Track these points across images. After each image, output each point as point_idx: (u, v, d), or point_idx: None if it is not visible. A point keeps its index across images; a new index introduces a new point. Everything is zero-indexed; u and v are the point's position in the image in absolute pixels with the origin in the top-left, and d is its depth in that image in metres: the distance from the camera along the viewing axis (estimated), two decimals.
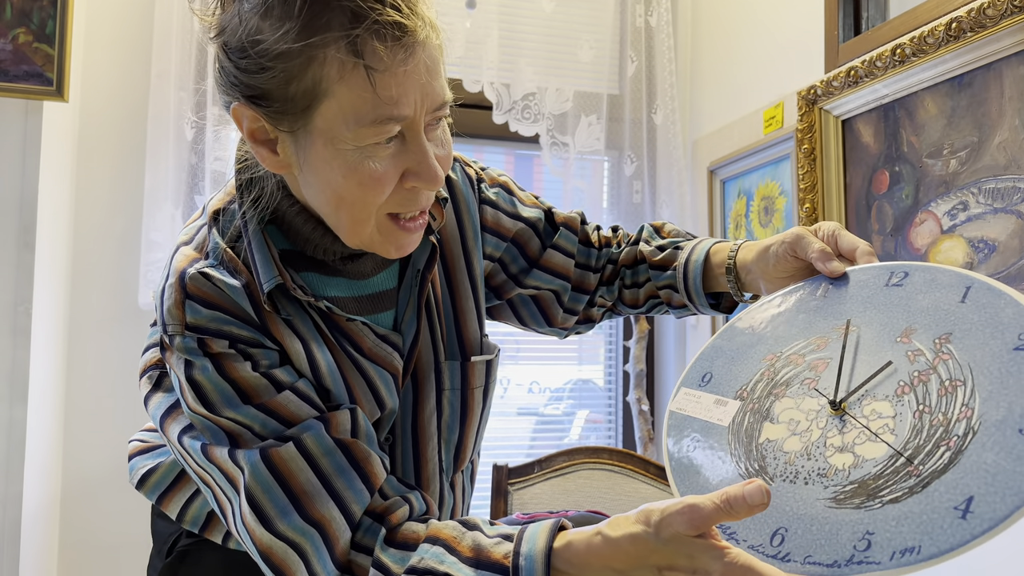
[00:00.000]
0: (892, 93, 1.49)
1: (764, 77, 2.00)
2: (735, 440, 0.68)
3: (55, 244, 1.83)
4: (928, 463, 0.56)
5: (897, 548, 0.53)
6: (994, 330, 0.60)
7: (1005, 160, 1.27)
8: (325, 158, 0.66)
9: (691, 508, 0.56)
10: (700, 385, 0.76)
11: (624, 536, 0.59)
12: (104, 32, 1.98)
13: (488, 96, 2.14)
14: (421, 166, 0.68)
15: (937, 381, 0.60)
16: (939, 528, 0.52)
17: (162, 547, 0.89)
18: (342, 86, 0.63)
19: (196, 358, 0.71)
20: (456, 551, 0.64)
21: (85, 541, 1.92)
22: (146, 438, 0.91)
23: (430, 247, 0.81)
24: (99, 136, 1.97)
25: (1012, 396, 0.56)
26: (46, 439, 1.80)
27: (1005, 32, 1.24)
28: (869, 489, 0.57)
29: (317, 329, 0.76)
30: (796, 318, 0.75)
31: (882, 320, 0.68)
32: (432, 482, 0.85)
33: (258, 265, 0.72)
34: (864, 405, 0.63)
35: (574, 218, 0.97)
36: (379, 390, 0.79)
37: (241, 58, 0.65)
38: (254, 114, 0.67)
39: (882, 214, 1.54)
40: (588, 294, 0.97)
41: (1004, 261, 1.27)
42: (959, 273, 0.66)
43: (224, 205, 0.77)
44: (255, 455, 0.68)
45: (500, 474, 1.75)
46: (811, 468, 0.62)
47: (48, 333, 1.79)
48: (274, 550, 0.68)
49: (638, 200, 2.26)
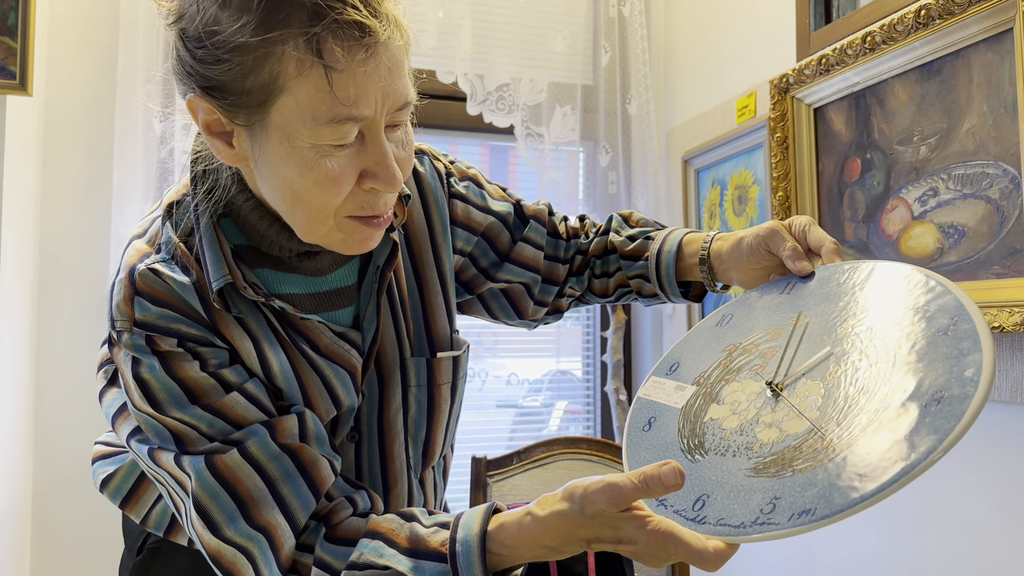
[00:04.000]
0: (863, 81, 1.50)
1: (737, 67, 2.01)
2: (683, 420, 0.73)
3: (21, 242, 1.79)
4: (842, 436, 0.61)
5: (796, 511, 0.57)
6: (923, 316, 0.65)
7: (974, 146, 1.29)
8: (281, 155, 0.65)
9: (611, 487, 0.59)
10: (667, 374, 0.81)
11: (551, 514, 0.61)
12: (68, 24, 1.94)
13: (462, 87, 2.13)
14: (379, 167, 0.66)
15: (866, 363, 0.65)
16: (837, 492, 0.56)
17: (133, 545, 0.88)
18: (299, 83, 0.61)
19: (144, 356, 0.69)
20: (395, 543, 0.65)
21: (57, 541, 1.89)
22: (109, 441, 0.90)
23: (391, 244, 0.80)
24: (65, 130, 1.94)
25: (925, 374, 0.60)
26: (16, 439, 1.77)
27: (972, 19, 1.25)
28: (785, 459, 0.62)
29: (270, 327, 0.74)
30: (761, 313, 0.80)
31: (831, 311, 0.73)
32: (400, 479, 0.84)
33: (208, 263, 0.70)
34: (798, 386, 0.68)
35: (542, 210, 0.97)
36: (335, 388, 0.78)
37: (198, 48, 0.63)
38: (209, 106, 0.65)
39: (854, 201, 1.55)
40: (558, 285, 0.97)
41: (974, 246, 1.28)
42: (908, 269, 0.71)
43: (179, 197, 0.76)
44: (200, 462, 0.68)
45: (479, 466, 1.74)
46: (740, 442, 0.67)
47: (16, 332, 1.76)
48: (223, 554, 0.68)
49: (613, 191, 2.26)
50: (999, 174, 1.24)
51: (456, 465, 1.72)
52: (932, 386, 0.58)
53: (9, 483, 1.73)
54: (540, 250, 0.95)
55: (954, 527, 1.35)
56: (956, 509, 1.35)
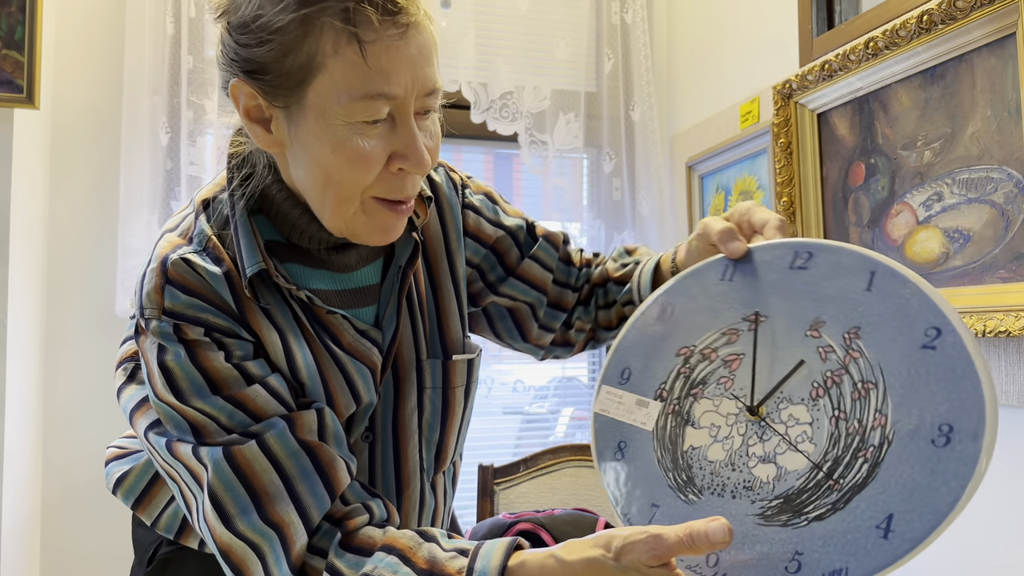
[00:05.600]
0: (866, 86, 1.50)
1: (740, 72, 2.01)
2: (660, 448, 0.69)
3: (29, 253, 1.80)
4: (847, 476, 0.57)
5: (826, 570, 0.54)
6: (901, 324, 0.59)
7: (978, 150, 1.29)
8: (316, 133, 0.68)
9: (655, 538, 0.57)
10: (620, 383, 0.75)
11: (580, 560, 0.59)
12: (75, 38, 1.95)
13: (466, 95, 2.14)
14: (409, 148, 0.69)
15: (850, 383, 0.60)
16: (863, 549, 0.54)
17: (143, 556, 0.88)
18: (336, 61, 0.65)
19: (170, 343, 0.71)
20: (411, 562, 0.64)
21: (66, 551, 1.90)
22: (123, 444, 0.90)
23: (413, 244, 0.82)
24: (72, 143, 1.95)
25: (923, 402, 0.56)
26: (25, 450, 1.78)
27: (975, 24, 1.25)
28: (794, 505, 0.59)
29: (296, 320, 0.76)
30: (704, 305, 0.73)
31: (791, 310, 0.66)
32: (413, 481, 0.85)
33: (243, 249, 0.73)
34: (781, 410, 0.63)
35: (557, 235, 0.97)
36: (356, 384, 0.79)
37: (242, 34, 0.68)
38: (251, 91, 0.69)
39: (859, 206, 1.55)
40: (565, 312, 0.96)
41: (979, 250, 1.28)
42: (863, 256, 0.64)
43: (213, 195, 0.78)
44: (218, 452, 0.68)
45: (486, 474, 1.75)
46: (736, 480, 0.63)
47: (25, 343, 1.77)
48: (233, 549, 0.68)
49: (618, 197, 2.27)
50: (1004, 178, 1.24)
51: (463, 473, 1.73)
52: (936, 418, 0.55)
53: (18, 494, 1.74)
54: (549, 272, 0.94)
55: (962, 532, 1.35)
56: (963, 514, 1.34)
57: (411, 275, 0.82)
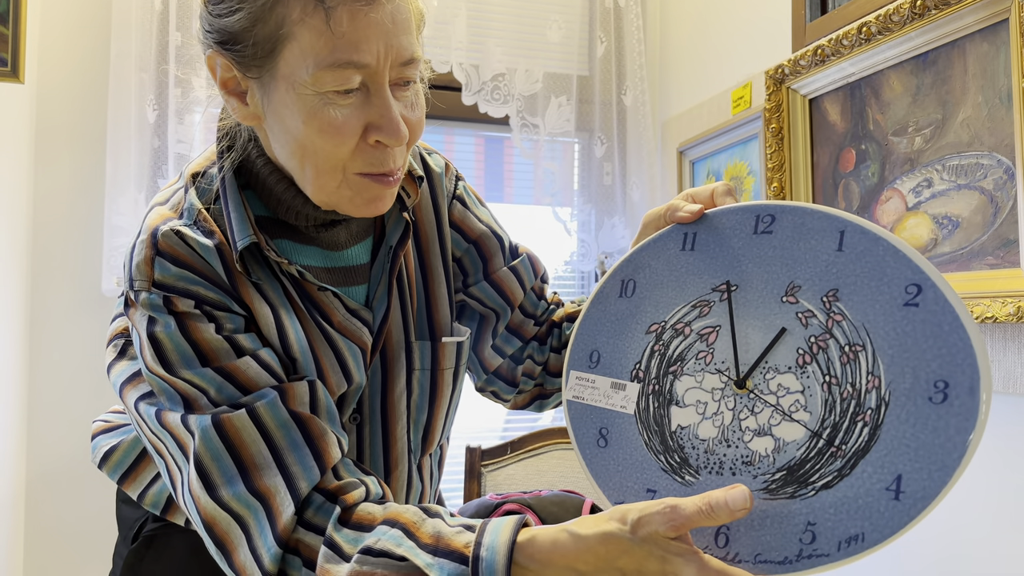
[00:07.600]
0: (858, 71, 1.50)
1: (732, 57, 2.01)
2: (646, 430, 0.67)
3: (14, 231, 1.78)
4: (849, 441, 0.57)
5: (842, 538, 0.54)
6: (880, 283, 0.58)
7: (968, 137, 1.29)
8: (287, 103, 0.67)
9: (673, 509, 0.56)
10: (590, 367, 0.72)
11: (595, 534, 0.58)
12: (61, 11, 1.92)
13: (457, 77, 2.12)
14: (384, 119, 0.68)
15: (836, 347, 0.59)
16: (876, 512, 0.53)
17: (128, 533, 0.87)
18: (302, 28, 0.64)
19: (160, 315, 0.70)
20: (415, 536, 0.63)
21: (51, 529, 1.89)
22: (109, 418, 0.90)
23: (404, 224, 0.81)
24: (57, 119, 1.92)
25: (914, 361, 0.55)
26: (9, 429, 1.77)
27: (968, 10, 1.25)
28: (798, 476, 0.58)
29: (287, 296, 0.76)
30: (668, 279, 0.69)
31: (762, 276, 0.64)
32: (400, 463, 0.85)
33: (233, 223, 0.72)
34: (769, 380, 0.62)
35: (540, 263, 0.96)
36: (347, 363, 0.78)
37: (216, 4, 0.68)
38: (226, 62, 0.69)
39: (849, 192, 1.55)
40: (522, 340, 0.95)
41: (968, 237, 1.29)
42: (829, 215, 0.62)
43: (203, 168, 0.77)
44: (207, 420, 0.68)
45: (473, 456, 1.75)
46: (734, 456, 0.61)
47: (9, 321, 1.75)
48: (217, 520, 0.67)
49: (609, 181, 2.26)
50: (993, 165, 1.24)
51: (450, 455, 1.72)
52: (930, 375, 0.55)
53: (2, 473, 1.72)
54: (522, 290, 0.93)
55: (947, 518, 1.36)
56: (948, 500, 1.36)
57: (401, 256, 0.81)
